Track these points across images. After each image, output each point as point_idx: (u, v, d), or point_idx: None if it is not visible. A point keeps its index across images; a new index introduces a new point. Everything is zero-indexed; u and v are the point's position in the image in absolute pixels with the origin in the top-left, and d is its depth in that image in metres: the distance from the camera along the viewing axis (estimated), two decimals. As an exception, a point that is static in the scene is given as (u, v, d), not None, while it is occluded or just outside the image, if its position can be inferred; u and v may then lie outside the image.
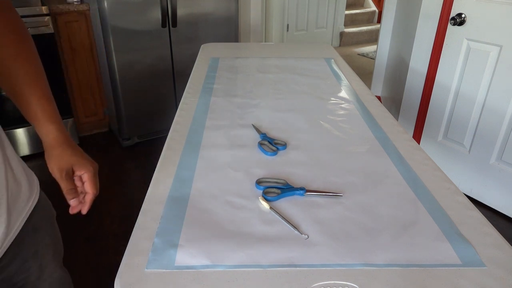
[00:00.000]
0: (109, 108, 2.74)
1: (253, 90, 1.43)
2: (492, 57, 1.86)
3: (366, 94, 1.42)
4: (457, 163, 2.14)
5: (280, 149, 1.01)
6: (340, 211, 0.80)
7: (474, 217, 0.79)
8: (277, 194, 0.83)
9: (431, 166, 0.97)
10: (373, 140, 1.09)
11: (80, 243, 1.81)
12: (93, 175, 0.69)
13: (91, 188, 0.70)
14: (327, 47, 2.06)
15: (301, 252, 0.69)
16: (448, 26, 2.00)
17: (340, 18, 4.94)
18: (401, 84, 2.42)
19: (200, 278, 0.63)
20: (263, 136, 1.07)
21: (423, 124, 2.27)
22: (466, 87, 2.00)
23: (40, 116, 0.66)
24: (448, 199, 0.85)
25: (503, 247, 0.71)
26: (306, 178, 0.90)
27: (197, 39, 2.64)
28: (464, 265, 0.67)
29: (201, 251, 0.68)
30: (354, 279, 0.63)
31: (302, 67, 1.69)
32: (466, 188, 2.13)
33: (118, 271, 0.64)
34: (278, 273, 0.64)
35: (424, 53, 2.16)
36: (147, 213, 0.78)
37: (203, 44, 2.04)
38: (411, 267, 0.66)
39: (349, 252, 0.69)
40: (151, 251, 0.68)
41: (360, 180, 0.91)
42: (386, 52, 2.77)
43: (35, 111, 0.65)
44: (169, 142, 1.05)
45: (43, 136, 0.68)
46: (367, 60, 4.64)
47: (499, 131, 1.90)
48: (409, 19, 2.33)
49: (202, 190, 0.85)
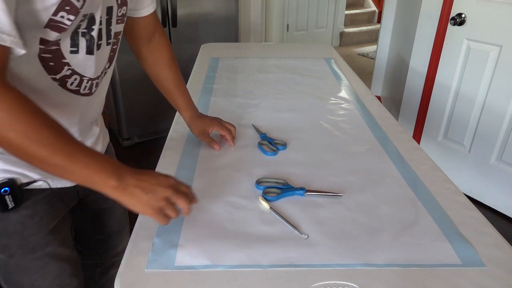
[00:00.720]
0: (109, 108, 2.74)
1: (253, 90, 1.43)
2: (492, 57, 1.86)
3: (366, 94, 1.42)
4: (457, 163, 2.13)
5: (280, 149, 1.01)
6: (340, 211, 0.80)
7: (474, 217, 0.79)
8: (277, 194, 0.83)
9: (431, 166, 0.97)
10: (373, 140, 1.09)
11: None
12: (221, 128, 1.00)
13: (224, 132, 1.00)
14: (327, 47, 2.06)
15: (301, 252, 0.69)
16: (448, 26, 2.00)
17: (340, 18, 4.94)
18: (401, 84, 2.42)
19: (200, 278, 0.63)
20: (263, 136, 1.07)
21: (423, 124, 2.27)
22: (466, 87, 2.00)
23: (182, 106, 1.02)
24: (448, 199, 0.85)
25: (503, 247, 0.71)
26: (306, 178, 0.90)
27: (197, 39, 2.64)
28: (464, 265, 0.67)
29: (201, 251, 0.68)
30: (354, 279, 0.63)
31: (302, 67, 1.69)
32: (466, 188, 2.13)
33: (118, 271, 0.64)
34: (278, 273, 0.64)
35: (424, 53, 2.16)
36: (147, 213, 0.78)
37: (203, 44, 2.04)
38: (411, 267, 0.66)
39: (349, 252, 0.69)
40: (151, 251, 0.68)
41: (360, 180, 0.91)
42: (386, 52, 2.77)
43: (179, 104, 1.01)
44: (169, 142, 1.05)
45: (185, 118, 1.03)
46: (367, 60, 4.64)
47: (499, 131, 1.90)
48: (409, 19, 2.33)
49: (202, 190, 0.85)
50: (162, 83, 1.00)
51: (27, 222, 0.72)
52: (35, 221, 0.73)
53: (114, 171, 0.61)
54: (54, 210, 0.77)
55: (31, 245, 0.74)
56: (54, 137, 0.56)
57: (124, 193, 0.61)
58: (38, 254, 0.74)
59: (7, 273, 0.75)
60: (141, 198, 0.62)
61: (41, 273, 0.75)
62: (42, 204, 0.74)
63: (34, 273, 0.75)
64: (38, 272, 0.75)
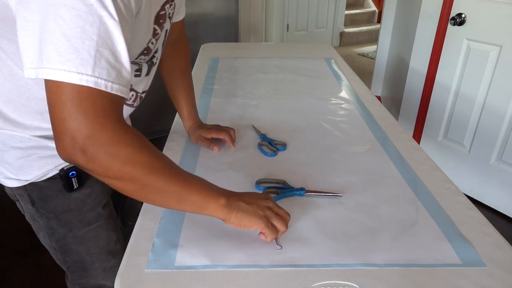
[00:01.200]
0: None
1: (253, 90, 1.43)
2: (492, 57, 1.86)
3: (366, 94, 1.42)
4: (457, 163, 2.13)
5: (280, 150, 1.01)
6: (340, 211, 0.80)
7: (474, 217, 0.79)
8: (277, 195, 0.83)
9: (431, 166, 0.97)
10: (373, 140, 1.09)
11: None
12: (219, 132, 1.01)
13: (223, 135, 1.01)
14: (327, 47, 2.06)
15: (301, 252, 0.69)
16: (448, 26, 2.00)
17: (340, 18, 4.94)
18: (401, 84, 2.41)
19: (200, 278, 0.63)
20: (263, 137, 1.07)
21: (423, 124, 2.27)
22: (466, 87, 2.00)
23: (185, 116, 1.05)
24: (448, 199, 0.85)
25: (503, 247, 0.71)
26: (306, 178, 0.90)
27: (197, 39, 2.64)
28: (464, 265, 0.67)
29: (201, 251, 0.68)
30: (354, 279, 0.63)
31: (302, 67, 1.69)
32: (466, 188, 2.13)
33: (118, 271, 0.64)
34: (278, 273, 0.64)
35: (424, 53, 2.16)
36: (147, 213, 0.78)
37: (203, 44, 2.04)
38: (411, 267, 0.66)
39: (349, 252, 0.69)
40: (151, 251, 0.68)
41: (360, 180, 0.91)
42: (386, 52, 2.77)
43: (183, 112, 1.04)
44: (169, 142, 1.05)
45: (185, 127, 1.06)
46: (367, 60, 4.64)
47: (499, 131, 1.90)
48: (409, 19, 2.33)
49: (202, 190, 0.85)
50: (173, 89, 1.03)
51: (86, 200, 0.82)
52: (92, 198, 0.83)
53: (220, 191, 0.66)
54: (105, 189, 0.87)
55: (87, 220, 0.84)
56: (170, 166, 0.60)
57: (231, 210, 0.65)
58: (93, 226, 0.85)
59: (65, 244, 0.85)
60: (247, 210, 0.66)
61: (94, 242, 0.87)
62: (97, 183, 0.83)
63: (88, 242, 0.86)
64: (92, 241, 0.87)
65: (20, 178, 0.75)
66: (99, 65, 0.50)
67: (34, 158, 0.73)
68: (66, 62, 0.48)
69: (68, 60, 0.48)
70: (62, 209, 0.80)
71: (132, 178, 0.56)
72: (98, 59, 0.50)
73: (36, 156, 0.73)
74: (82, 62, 0.49)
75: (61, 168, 0.75)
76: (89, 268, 0.89)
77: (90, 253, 0.88)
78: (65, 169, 0.75)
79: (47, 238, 0.84)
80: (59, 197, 0.79)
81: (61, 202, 0.79)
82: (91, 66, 0.49)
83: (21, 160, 0.73)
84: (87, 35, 0.49)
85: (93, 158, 0.52)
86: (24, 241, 1.84)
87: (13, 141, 0.72)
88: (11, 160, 0.73)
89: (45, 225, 0.82)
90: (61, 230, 0.83)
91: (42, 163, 0.74)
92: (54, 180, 0.76)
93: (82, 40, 0.49)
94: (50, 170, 0.75)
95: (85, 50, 0.49)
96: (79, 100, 0.50)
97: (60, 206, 0.80)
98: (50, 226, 0.82)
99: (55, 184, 0.77)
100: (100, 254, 0.89)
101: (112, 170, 0.54)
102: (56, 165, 0.75)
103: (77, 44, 0.49)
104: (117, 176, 0.55)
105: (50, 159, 0.74)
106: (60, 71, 0.48)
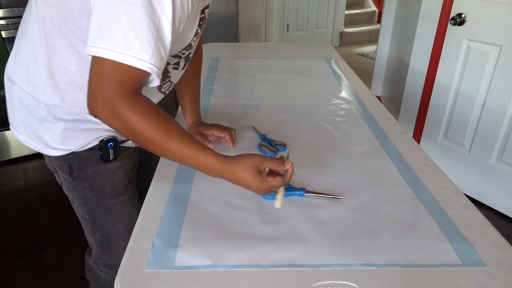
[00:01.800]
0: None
1: (253, 91, 1.43)
2: (492, 57, 1.86)
3: (366, 94, 1.42)
4: (457, 163, 2.13)
5: (280, 150, 1.01)
6: (340, 211, 0.80)
7: (474, 217, 0.79)
8: (276, 194, 0.83)
9: (431, 166, 0.97)
10: (373, 140, 1.09)
11: (80, 243, 1.81)
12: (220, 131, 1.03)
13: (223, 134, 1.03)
14: (327, 47, 2.06)
15: (301, 252, 0.69)
16: (448, 26, 2.00)
17: (340, 18, 4.94)
18: (401, 84, 2.42)
19: (200, 278, 0.63)
20: (263, 137, 1.07)
21: (423, 124, 2.27)
22: (466, 87, 2.00)
23: (188, 112, 1.09)
24: (448, 199, 0.85)
25: (503, 247, 0.71)
26: (307, 178, 0.90)
27: (197, 39, 2.64)
28: (464, 265, 0.67)
29: (201, 251, 0.68)
30: (354, 279, 0.64)
31: (302, 67, 1.69)
32: (466, 188, 2.13)
33: (118, 271, 0.64)
34: (278, 273, 0.64)
35: (424, 53, 2.16)
36: (147, 213, 0.78)
37: (203, 44, 2.03)
38: (411, 267, 0.66)
39: (349, 252, 0.69)
40: (151, 251, 0.68)
41: (360, 180, 0.91)
42: (386, 52, 2.77)
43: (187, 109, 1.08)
44: (169, 142, 1.05)
45: (187, 123, 1.09)
46: (367, 60, 4.64)
47: (499, 131, 1.90)
48: (409, 19, 2.33)
49: (202, 191, 0.85)
50: (181, 85, 1.07)
51: (117, 171, 0.92)
52: (122, 171, 0.93)
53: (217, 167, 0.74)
54: (133, 164, 0.97)
55: (117, 191, 0.93)
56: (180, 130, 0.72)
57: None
58: (120, 198, 0.94)
59: (95, 216, 0.94)
60: (241, 158, 0.75)
61: (120, 216, 0.95)
62: (127, 158, 0.94)
63: (115, 215, 0.95)
64: (118, 214, 0.95)
65: (64, 147, 0.84)
66: (155, 55, 0.63)
67: (78, 130, 0.83)
68: (131, 49, 0.61)
69: (133, 48, 0.61)
70: (96, 177, 0.90)
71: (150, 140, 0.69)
72: (155, 51, 0.63)
73: (80, 128, 0.83)
74: (142, 51, 0.62)
75: (101, 139, 0.85)
76: (113, 243, 0.98)
77: (116, 227, 0.96)
78: (104, 140, 0.85)
79: (80, 208, 0.94)
80: (95, 166, 0.88)
81: (96, 171, 0.89)
82: (149, 55, 0.63)
83: (67, 131, 0.83)
84: (150, 30, 0.62)
85: (118, 117, 0.65)
86: (24, 241, 1.84)
87: (63, 115, 0.81)
88: (59, 131, 0.83)
89: (79, 194, 0.92)
90: (93, 199, 0.92)
91: (85, 134, 0.84)
92: (93, 150, 0.86)
93: (145, 34, 0.61)
94: (91, 141, 0.85)
95: (147, 42, 0.62)
96: (127, 78, 0.64)
97: (95, 175, 0.90)
98: (84, 196, 0.92)
99: (93, 154, 0.87)
100: (124, 229, 0.97)
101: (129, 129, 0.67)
102: (97, 137, 0.85)
103: (142, 36, 0.61)
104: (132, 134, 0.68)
105: (93, 131, 0.84)
106: (124, 55, 0.61)
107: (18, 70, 0.81)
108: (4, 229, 1.92)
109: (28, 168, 2.42)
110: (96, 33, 0.62)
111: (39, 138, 0.84)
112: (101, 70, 0.63)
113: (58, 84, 0.78)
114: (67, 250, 1.78)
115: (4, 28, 2.17)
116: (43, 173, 2.38)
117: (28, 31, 0.78)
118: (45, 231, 1.91)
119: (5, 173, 2.38)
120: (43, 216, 2.01)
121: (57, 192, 2.21)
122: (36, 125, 0.83)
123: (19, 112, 0.84)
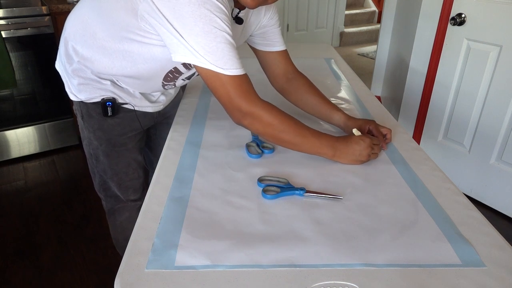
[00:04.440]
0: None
1: (253, 90, 1.42)
2: (492, 57, 1.86)
3: (366, 94, 1.42)
4: (457, 163, 2.14)
5: (265, 153, 1.01)
6: (340, 211, 0.80)
7: (474, 217, 0.79)
8: (276, 193, 0.83)
9: (431, 166, 0.97)
10: (373, 140, 1.09)
11: (80, 243, 1.81)
12: (376, 129, 1.07)
13: (378, 135, 1.06)
14: (327, 47, 2.06)
15: (301, 252, 0.69)
16: (448, 26, 2.00)
17: (340, 18, 4.94)
18: (401, 84, 2.42)
19: (200, 278, 0.63)
20: (255, 138, 1.07)
21: (423, 124, 2.27)
22: (466, 87, 2.00)
23: (333, 111, 1.14)
24: (448, 199, 0.85)
25: (503, 247, 0.71)
26: (307, 178, 0.90)
27: (197, 39, 2.64)
28: (464, 265, 0.67)
29: (201, 251, 0.68)
30: (354, 279, 0.64)
31: (302, 67, 1.68)
32: (466, 188, 2.13)
33: (118, 271, 0.64)
34: (278, 273, 0.64)
35: (424, 53, 2.16)
36: (147, 213, 0.78)
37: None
38: (411, 267, 0.66)
39: (349, 252, 0.69)
40: (151, 251, 0.68)
41: (360, 180, 0.91)
42: (386, 52, 2.77)
43: (329, 109, 1.14)
44: (169, 142, 1.05)
45: (340, 118, 1.13)
46: (367, 60, 4.64)
47: (499, 131, 1.90)
48: (409, 19, 2.33)
49: (202, 190, 0.85)
50: (307, 101, 1.16)
51: (115, 127, 1.12)
52: (121, 127, 1.13)
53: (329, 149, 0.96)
54: (133, 125, 1.16)
55: (113, 141, 1.15)
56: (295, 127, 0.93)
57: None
58: (117, 148, 1.16)
59: (96, 154, 1.17)
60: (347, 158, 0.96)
61: (117, 161, 1.18)
62: (127, 119, 1.13)
63: (113, 159, 1.17)
64: (115, 159, 1.17)
65: (78, 96, 1.08)
66: (240, 64, 0.86)
67: (88, 87, 1.05)
68: (225, 64, 0.83)
69: (226, 63, 0.83)
70: (97, 127, 1.11)
71: (282, 140, 0.93)
72: (239, 61, 0.86)
73: (90, 86, 1.05)
74: (233, 63, 0.84)
75: (103, 98, 1.06)
76: (109, 179, 1.21)
77: (112, 167, 1.18)
78: (104, 99, 1.06)
79: (87, 145, 1.18)
80: (98, 117, 1.10)
81: (98, 122, 1.10)
82: (237, 65, 0.85)
83: (81, 85, 1.05)
84: (231, 49, 0.84)
85: (252, 122, 0.90)
86: (24, 241, 1.84)
87: (82, 73, 1.04)
88: (75, 83, 1.06)
89: (86, 135, 1.15)
90: (95, 142, 1.15)
91: (92, 91, 1.06)
92: (97, 104, 1.08)
93: (231, 52, 0.84)
94: (96, 97, 1.06)
95: (234, 57, 0.85)
96: (236, 85, 0.86)
97: (97, 124, 1.11)
98: (89, 137, 1.15)
99: (97, 108, 1.08)
100: (118, 172, 1.19)
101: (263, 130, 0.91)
102: (101, 95, 1.06)
103: (230, 54, 0.84)
104: (266, 132, 0.91)
105: (98, 90, 1.06)
106: (224, 69, 0.83)
107: (76, 28, 1.00)
108: (4, 229, 1.92)
109: (28, 168, 2.42)
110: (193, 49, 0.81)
111: (67, 83, 1.10)
112: (217, 82, 0.85)
113: (92, 46, 0.98)
114: (67, 250, 1.78)
115: (4, 28, 2.17)
116: (43, 173, 2.38)
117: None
118: (45, 231, 1.91)
119: (5, 173, 2.38)
120: (43, 216, 2.02)
121: (57, 192, 2.21)
122: (65, 75, 1.09)
123: (63, 59, 1.07)
